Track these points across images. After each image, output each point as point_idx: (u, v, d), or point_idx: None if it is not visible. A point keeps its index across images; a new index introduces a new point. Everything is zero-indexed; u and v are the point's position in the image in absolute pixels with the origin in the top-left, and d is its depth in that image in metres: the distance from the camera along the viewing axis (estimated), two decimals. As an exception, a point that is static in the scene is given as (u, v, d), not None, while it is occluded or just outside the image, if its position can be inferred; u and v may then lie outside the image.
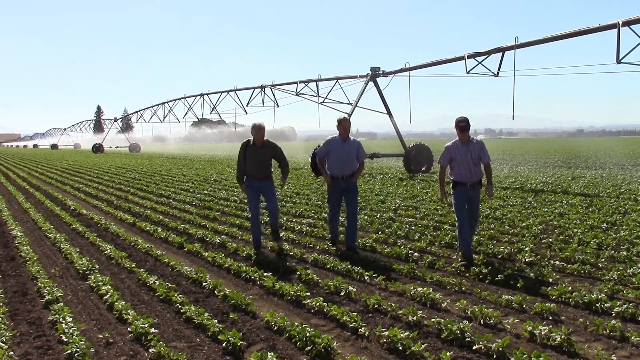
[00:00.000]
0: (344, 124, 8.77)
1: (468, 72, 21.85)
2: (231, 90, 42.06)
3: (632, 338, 4.93)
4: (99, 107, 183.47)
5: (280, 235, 9.42)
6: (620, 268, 7.25)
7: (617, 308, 5.67)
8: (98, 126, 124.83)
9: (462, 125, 7.83)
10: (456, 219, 8.15)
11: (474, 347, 4.84)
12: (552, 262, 7.75)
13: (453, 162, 8.00)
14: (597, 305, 5.82)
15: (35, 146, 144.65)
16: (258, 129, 8.77)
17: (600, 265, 7.58)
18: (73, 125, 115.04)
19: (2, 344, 4.96)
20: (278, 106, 36.96)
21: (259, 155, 8.82)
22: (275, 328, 5.41)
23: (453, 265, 7.69)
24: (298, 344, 5.01)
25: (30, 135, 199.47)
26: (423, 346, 4.75)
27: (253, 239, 9.09)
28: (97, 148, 73.82)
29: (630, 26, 16.29)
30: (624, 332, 5.07)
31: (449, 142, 8.26)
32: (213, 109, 46.17)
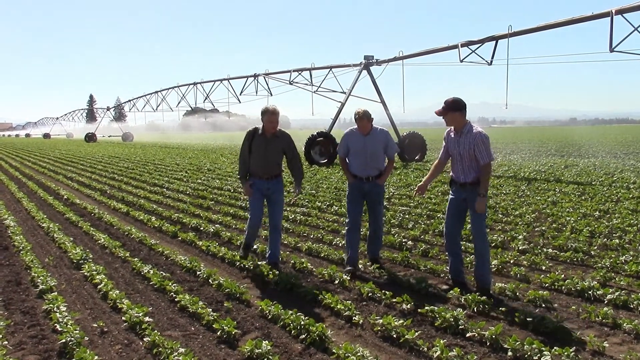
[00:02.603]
0: (359, 123, 6.96)
1: (462, 61, 21.82)
2: (224, 79, 41.89)
3: (624, 325, 4.97)
4: (91, 96, 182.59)
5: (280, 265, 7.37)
6: (613, 256, 7.31)
7: (609, 295, 5.71)
8: (91, 115, 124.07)
9: (442, 106, 6.13)
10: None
11: (468, 335, 4.87)
12: (545, 250, 7.79)
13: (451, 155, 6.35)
14: (590, 292, 5.86)
15: (27, 135, 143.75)
16: (272, 114, 6.91)
17: (592, 253, 7.63)
18: (65, 115, 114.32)
19: (-4, 334, 4.95)
20: (272, 95, 36.86)
21: (269, 148, 7.03)
22: (270, 316, 5.42)
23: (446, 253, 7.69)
24: (292, 332, 5.03)
25: (22, 125, 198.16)
26: (417, 334, 4.77)
27: (245, 238, 7.47)
28: (90, 137, 73.46)
29: (624, 14, 16.30)
30: (616, 319, 5.10)
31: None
32: (206, 98, 45.96)
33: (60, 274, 7.23)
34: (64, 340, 4.73)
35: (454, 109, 6.04)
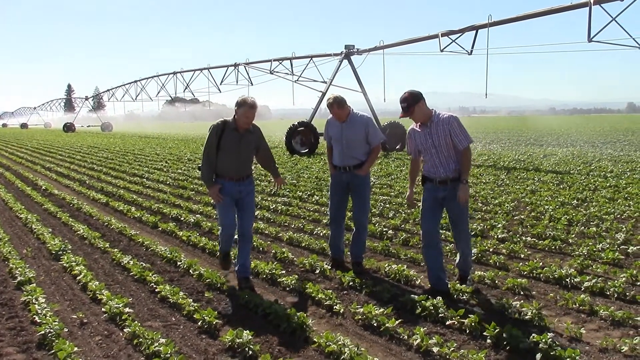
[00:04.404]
0: (330, 111, 6.54)
1: (442, 50, 21.90)
2: (205, 69, 41.61)
3: (601, 312, 5.04)
4: (69, 86, 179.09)
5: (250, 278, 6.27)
6: (590, 243, 7.40)
7: (586, 283, 5.79)
8: (69, 105, 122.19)
9: (402, 106, 5.58)
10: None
11: (447, 323, 4.91)
12: (523, 238, 7.88)
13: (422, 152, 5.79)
14: (567, 280, 5.94)
15: (4, 125, 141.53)
16: (250, 108, 5.79)
17: (570, 241, 7.73)
18: (43, 104, 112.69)
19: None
20: (252, 84, 36.70)
21: (243, 145, 5.98)
22: (251, 306, 5.43)
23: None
24: (273, 321, 5.04)
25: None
26: (397, 322, 4.80)
27: (221, 248, 6.41)
28: (69, 127, 72.56)
29: (602, 5, 16.44)
30: (592, 306, 5.18)
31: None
32: (186, 88, 45.61)
33: (39, 265, 7.15)
34: (43, 332, 4.70)
35: (416, 100, 5.52)
